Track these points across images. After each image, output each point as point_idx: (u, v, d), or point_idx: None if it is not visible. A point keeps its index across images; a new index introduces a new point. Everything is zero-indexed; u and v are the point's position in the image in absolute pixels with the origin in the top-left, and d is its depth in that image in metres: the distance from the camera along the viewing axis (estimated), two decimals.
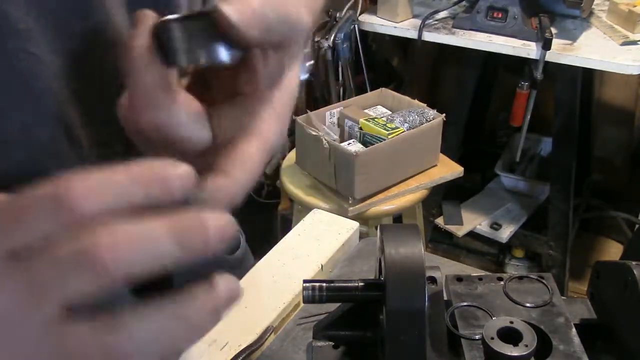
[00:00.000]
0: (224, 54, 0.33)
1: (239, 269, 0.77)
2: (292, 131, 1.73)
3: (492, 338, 0.50)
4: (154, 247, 0.28)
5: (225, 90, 0.38)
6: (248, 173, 0.35)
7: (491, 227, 2.27)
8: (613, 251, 2.37)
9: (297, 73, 0.39)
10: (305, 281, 0.52)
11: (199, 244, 0.29)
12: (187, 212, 0.29)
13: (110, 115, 0.39)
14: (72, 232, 0.27)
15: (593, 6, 1.94)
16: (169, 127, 0.34)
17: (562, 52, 1.76)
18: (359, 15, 2.09)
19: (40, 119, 0.39)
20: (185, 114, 0.35)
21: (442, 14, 2.00)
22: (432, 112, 1.67)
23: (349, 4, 2.08)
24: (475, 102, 2.16)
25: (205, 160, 0.35)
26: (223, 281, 0.30)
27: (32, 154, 0.39)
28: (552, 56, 1.75)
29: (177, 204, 0.30)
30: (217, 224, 0.29)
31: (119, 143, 0.43)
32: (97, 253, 0.27)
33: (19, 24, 0.37)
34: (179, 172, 0.29)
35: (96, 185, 0.28)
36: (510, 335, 0.50)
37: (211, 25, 0.32)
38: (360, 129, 1.63)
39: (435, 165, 1.72)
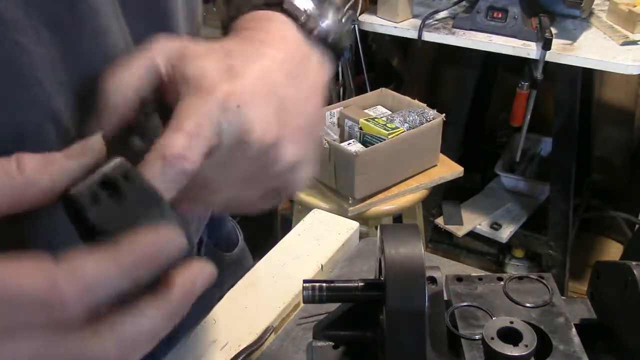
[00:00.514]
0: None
1: (238, 267, 0.77)
2: None
3: (492, 338, 0.50)
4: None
5: None
6: (197, 126, 0.36)
7: (491, 227, 2.27)
8: (613, 251, 2.37)
9: None
10: (305, 281, 0.52)
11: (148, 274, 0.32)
12: (134, 244, 0.31)
13: (97, 106, 0.39)
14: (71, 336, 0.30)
15: (593, 6, 1.94)
16: None
17: (562, 52, 1.76)
18: (359, 15, 2.08)
19: (27, 108, 0.39)
20: None
21: (442, 14, 2.00)
22: (432, 112, 1.67)
23: (349, 4, 2.08)
24: (475, 102, 2.16)
25: None
26: (180, 280, 0.33)
27: (18, 142, 0.39)
28: (552, 56, 1.75)
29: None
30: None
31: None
32: None
33: (6, 14, 0.37)
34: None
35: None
36: (510, 335, 0.50)
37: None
38: (360, 129, 1.63)
39: (435, 165, 1.72)
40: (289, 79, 0.42)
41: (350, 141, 1.63)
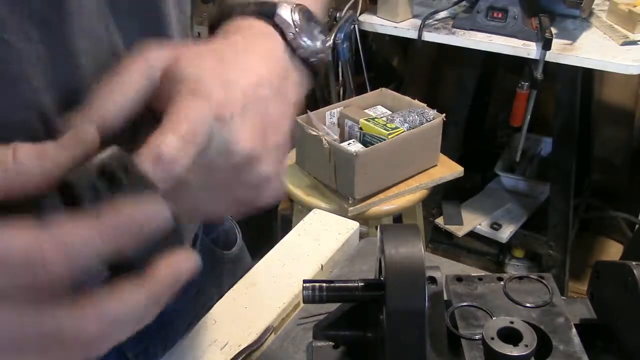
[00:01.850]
0: None
1: (237, 266, 0.77)
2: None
3: (492, 338, 0.50)
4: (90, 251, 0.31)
5: None
6: (192, 131, 0.36)
7: (491, 227, 2.27)
8: (613, 251, 2.36)
9: None
10: (305, 281, 0.52)
11: (127, 243, 0.32)
12: (118, 213, 0.32)
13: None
14: (57, 309, 0.31)
15: (593, 6, 1.94)
16: None
17: (562, 52, 1.76)
18: (359, 15, 2.08)
19: (14, 106, 0.40)
20: None
21: (442, 14, 2.00)
22: (432, 112, 1.67)
23: (349, 4, 2.08)
24: (475, 102, 2.16)
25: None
26: (164, 267, 0.34)
27: (6, 140, 0.39)
28: (552, 56, 1.75)
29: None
30: (148, 223, 0.33)
31: None
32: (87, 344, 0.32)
33: None
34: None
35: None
36: (510, 335, 0.50)
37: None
38: (360, 129, 1.63)
39: (435, 165, 1.72)
40: (274, 96, 0.43)
41: (350, 141, 1.63)
